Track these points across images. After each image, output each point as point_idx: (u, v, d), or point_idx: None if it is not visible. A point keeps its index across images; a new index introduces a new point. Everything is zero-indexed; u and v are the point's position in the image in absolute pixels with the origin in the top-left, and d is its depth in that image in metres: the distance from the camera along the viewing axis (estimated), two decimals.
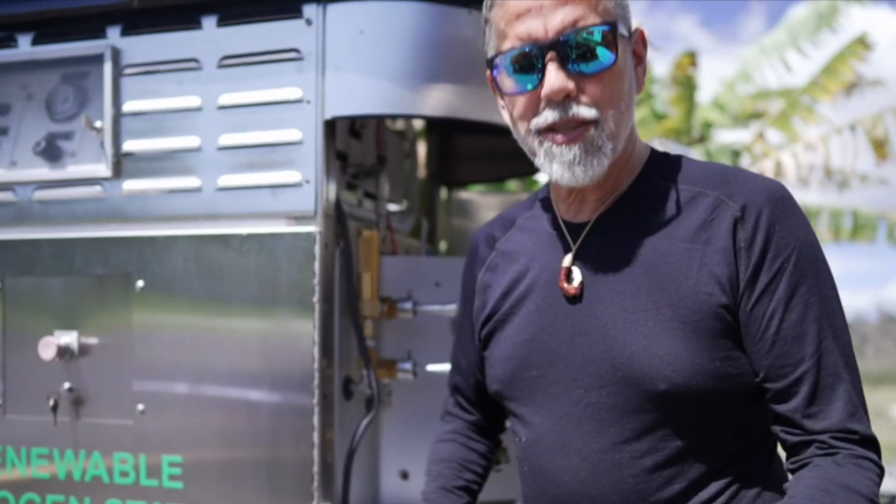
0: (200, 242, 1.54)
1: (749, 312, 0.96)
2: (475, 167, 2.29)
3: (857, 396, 0.94)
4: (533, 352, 1.08)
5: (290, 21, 1.52)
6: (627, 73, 1.02)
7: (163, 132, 1.58)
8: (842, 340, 0.95)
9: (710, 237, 0.98)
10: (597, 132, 0.99)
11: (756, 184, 1.00)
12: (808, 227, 1.00)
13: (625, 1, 1.03)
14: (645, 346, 0.98)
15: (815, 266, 0.97)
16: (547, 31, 0.97)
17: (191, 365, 1.53)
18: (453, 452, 1.25)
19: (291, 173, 1.50)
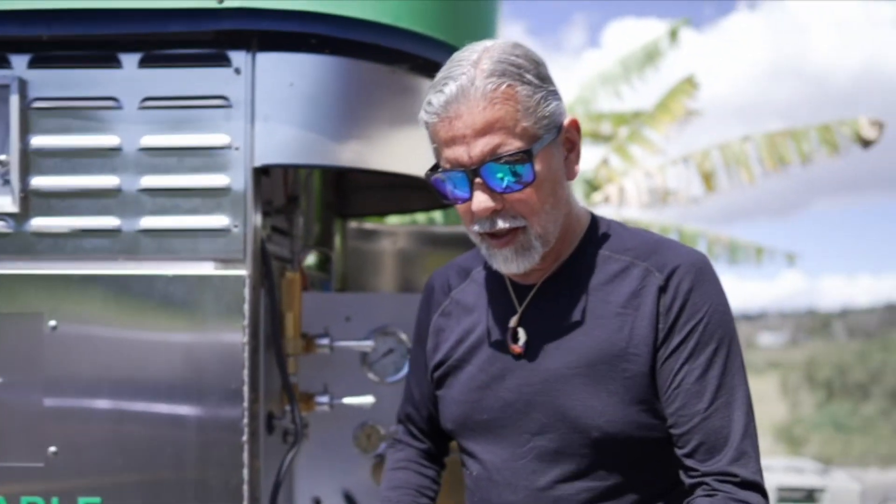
0: (121, 282, 1.54)
1: (661, 367, 1.11)
2: (371, 199, 2.39)
3: (748, 446, 1.08)
4: (484, 397, 1.20)
5: (219, 69, 1.56)
6: (553, 176, 1.12)
7: (77, 170, 1.56)
8: (737, 396, 1.09)
9: (639, 304, 1.12)
10: (525, 236, 1.12)
11: (680, 256, 1.14)
12: (721, 295, 1.13)
13: (548, 104, 1.10)
14: (582, 399, 1.12)
15: (722, 331, 1.11)
16: (471, 159, 1.08)
17: (110, 405, 1.53)
18: (408, 479, 1.35)
19: (219, 217, 1.55)
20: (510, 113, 1.07)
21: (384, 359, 1.93)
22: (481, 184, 1.09)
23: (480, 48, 1.12)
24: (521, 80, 1.08)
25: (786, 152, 5.63)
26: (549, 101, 1.10)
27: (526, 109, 1.08)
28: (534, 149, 1.08)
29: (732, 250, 6.91)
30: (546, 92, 1.11)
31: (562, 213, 1.16)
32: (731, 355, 1.12)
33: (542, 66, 1.13)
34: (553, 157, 1.12)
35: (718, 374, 1.10)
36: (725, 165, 5.72)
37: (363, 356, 1.89)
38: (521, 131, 1.08)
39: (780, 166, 5.68)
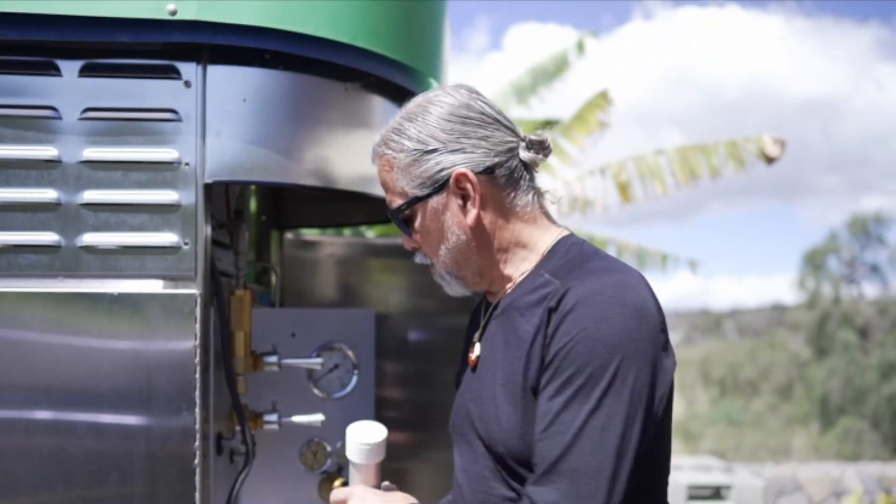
0: (61, 300, 1.47)
1: (538, 394, 1.15)
2: (309, 211, 2.37)
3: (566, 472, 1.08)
4: (460, 405, 1.35)
5: (167, 81, 1.51)
6: (439, 225, 1.27)
7: (10, 182, 1.48)
8: (577, 425, 1.08)
9: (539, 325, 1.17)
10: (437, 269, 1.32)
11: (584, 282, 1.15)
12: (603, 322, 1.11)
13: (424, 165, 1.25)
14: (493, 414, 1.22)
15: (584, 359, 1.10)
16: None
17: (48, 432, 1.46)
18: None
19: (168, 234, 1.50)
20: (389, 177, 1.29)
21: (329, 374, 1.93)
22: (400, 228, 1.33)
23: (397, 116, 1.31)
24: (395, 148, 1.27)
25: (697, 166, 5.96)
26: (423, 163, 1.25)
27: (399, 173, 1.27)
28: (405, 207, 1.28)
29: (640, 256, 7.23)
30: (421, 153, 1.25)
31: (471, 252, 1.28)
32: (589, 385, 1.10)
33: (428, 126, 1.25)
34: (436, 210, 1.27)
35: (563, 402, 1.10)
36: (640, 177, 5.99)
37: (309, 373, 1.88)
38: (401, 191, 1.28)
39: (691, 179, 5.99)
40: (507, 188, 1.27)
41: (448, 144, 1.24)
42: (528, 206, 1.29)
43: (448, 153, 1.24)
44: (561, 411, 1.11)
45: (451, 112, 1.25)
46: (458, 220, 1.26)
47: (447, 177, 1.24)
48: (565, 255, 1.26)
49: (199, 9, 1.46)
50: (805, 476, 6.84)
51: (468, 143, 1.24)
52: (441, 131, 1.25)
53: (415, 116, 1.27)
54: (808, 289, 25.86)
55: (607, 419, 1.09)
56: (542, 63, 7.18)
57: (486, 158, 1.24)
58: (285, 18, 1.53)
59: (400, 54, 1.70)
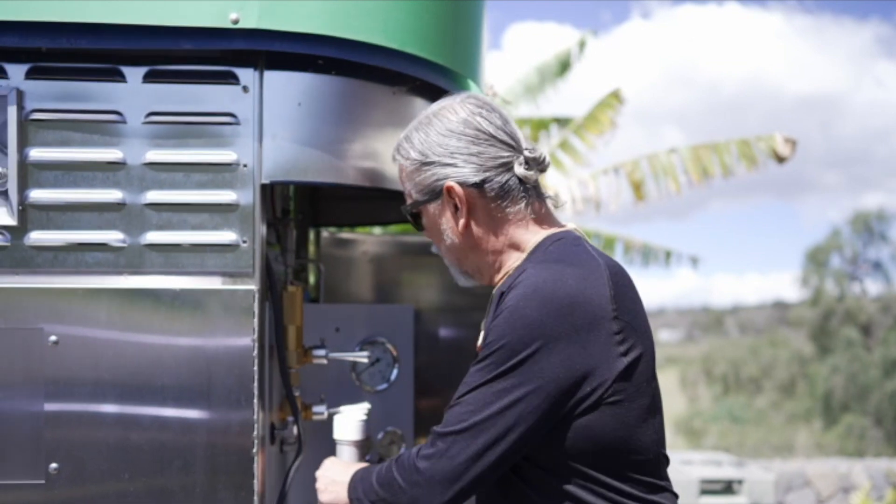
0: (126, 297, 1.54)
1: None
2: (345, 209, 2.43)
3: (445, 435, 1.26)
4: None
5: (226, 86, 1.58)
6: (438, 228, 1.44)
7: (78, 183, 1.55)
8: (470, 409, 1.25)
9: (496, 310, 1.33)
10: (446, 263, 1.49)
11: (520, 284, 1.28)
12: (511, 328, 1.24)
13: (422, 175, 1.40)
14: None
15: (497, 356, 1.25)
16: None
17: (114, 422, 1.53)
18: None
19: (228, 233, 1.57)
20: (401, 178, 1.47)
21: (371, 368, 1.99)
22: None
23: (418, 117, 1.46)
24: (406, 154, 1.43)
25: (709, 164, 6.01)
26: (422, 172, 1.41)
27: (406, 177, 1.45)
28: (413, 207, 1.45)
29: (645, 253, 7.32)
30: (420, 163, 1.41)
31: (466, 253, 1.43)
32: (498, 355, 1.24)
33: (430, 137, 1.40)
34: (434, 214, 1.44)
35: (476, 367, 1.27)
36: (654, 176, 6.05)
37: (353, 366, 1.94)
38: (408, 193, 1.46)
39: (703, 178, 6.05)
40: (498, 199, 1.39)
41: (442, 158, 1.39)
42: (519, 213, 1.40)
43: (441, 167, 1.39)
44: (471, 373, 1.27)
45: (448, 128, 1.39)
46: (451, 225, 1.42)
47: (440, 187, 1.39)
48: (543, 251, 1.37)
49: (260, 17, 1.52)
50: (813, 471, 6.91)
51: (460, 158, 1.38)
52: (438, 146, 1.39)
53: (421, 128, 1.42)
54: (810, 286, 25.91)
55: (505, 387, 1.23)
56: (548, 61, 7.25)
57: (476, 174, 1.38)
58: (339, 26, 1.59)
59: (443, 58, 1.77)
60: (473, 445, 1.23)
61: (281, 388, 1.74)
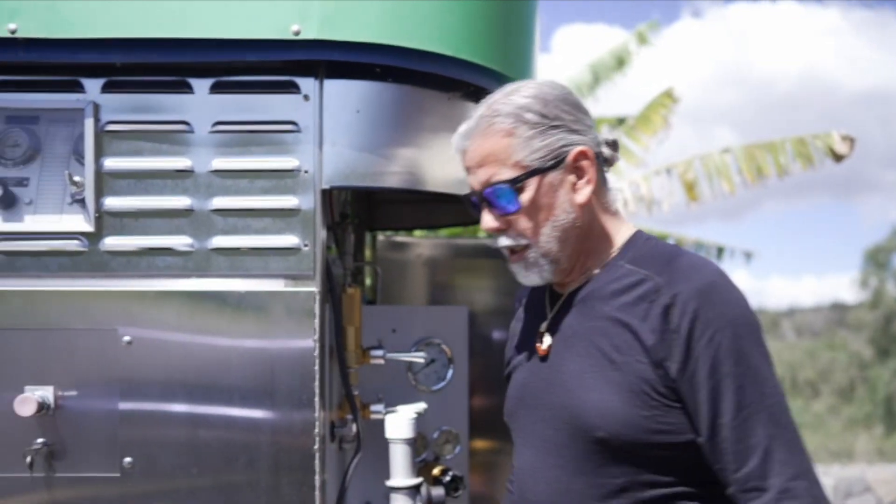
0: (194, 298, 1.61)
1: (683, 388, 1.19)
2: (399, 213, 2.48)
3: (792, 453, 1.15)
4: (524, 394, 1.37)
5: (288, 95, 1.63)
6: (551, 202, 1.28)
7: (150, 191, 1.62)
8: (765, 406, 1.16)
9: (646, 316, 1.22)
10: (530, 252, 1.31)
11: (691, 277, 1.22)
12: (733, 316, 1.19)
13: (549, 138, 1.27)
14: (590, 398, 1.24)
15: (736, 348, 1.17)
16: (478, 185, 1.31)
17: (184, 418, 1.60)
18: None
19: (290, 237, 1.62)
20: (503, 146, 1.27)
21: (427, 368, 2.03)
22: (485, 207, 1.31)
23: (504, 89, 1.32)
24: (519, 118, 1.27)
25: (763, 164, 5.91)
26: (548, 136, 1.27)
27: (519, 144, 1.27)
28: (521, 179, 1.27)
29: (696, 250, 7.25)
30: (547, 126, 1.27)
31: (571, 233, 1.30)
32: (747, 373, 1.17)
33: (550, 104, 1.29)
34: (552, 185, 1.28)
35: (732, 393, 1.17)
36: (707, 176, 5.98)
37: (409, 366, 1.99)
38: (514, 164, 1.27)
39: (758, 178, 5.95)
40: (602, 178, 1.35)
41: (569, 124, 1.29)
42: (610, 200, 1.36)
43: (569, 132, 1.29)
44: (738, 406, 1.16)
45: (565, 97, 1.31)
46: (569, 197, 1.29)
47: (566, 153, 1.28)
48: (643, 248, 1.31)
49: (320, 29, 1.58)
50: (874, 477, 6.72)
51: (583, 126, 1.31)
52: (561, 111, 1.29)
53: (533, 95, 1.29)
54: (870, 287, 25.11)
55: (776, 396, 1.18)
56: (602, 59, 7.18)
57: (594, 145, 1.32)
58: (395, 35, 1.64)
59: (497, 63, 1.80)
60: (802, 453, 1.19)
61: (340, 388, 1.79)
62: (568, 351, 1.30)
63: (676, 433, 1.20)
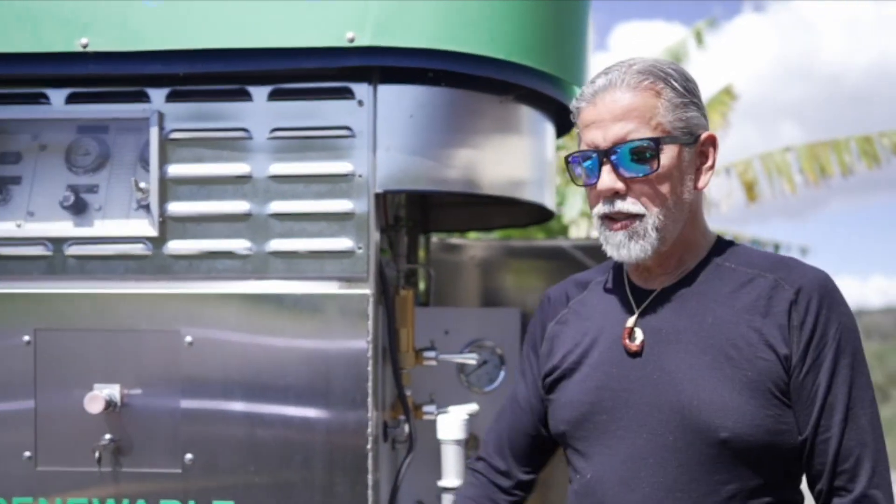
0: (252, 301, 1.65)
1: (800, 382, 1.17)
2: (453, 215, 2.50)
3: (879, 462, 1.16)
4: (602, 398, 1.25)
5: (343, 101, 1.67)
6: (679, 176, 1.22)
7: (211, 196, 1.67)
8: (870, 411, 1.17)
9: (767, 312, 1.18)
10: (641, 224, 1.21)
11: (808, 272, 1.22)
12: (850, 314, 1.21)
13: (689, 112, 1.23)
14: (709, 397, 1.16)
15: (853, 347, 1.18)
16: (605, 141, 1.21)
17: (243, 415, 1.64)
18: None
19: (344, 240, 1.66)
20: (649, 105, 1.20)
21: (479, 370, 2.05)
22: (609, 166, 1.21)
23: (640, 57, 1.28)
24: (667, 83, 1.22)
25: (826, 163, 5.73)
26: (689, 109, 1.23)
27: (665, 107, 1.21)
28: (664, 141, 1.20)
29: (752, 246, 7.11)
30: (689, 101, 1.23)
31: (684, 214, 1.24)
32: (862, 371, 1.19)
33: (691, 83, 1.26)
34: (683, 160, 1.23)
35: (849, 389, 1.18)
36: (767, 175, 5.83)
37: (461, 367, 2.00)
38: (656, 125, 1.20)
39: (820, 177, 5.77)
40: None
41: (703, 108, 1.27)
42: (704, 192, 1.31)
43: (701, 114, 1.26)
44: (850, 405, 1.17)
45: (695, 81, 1.28)
46: (692, 177, 1.25)
47: (700, 134, 1.25)
48: (736, 249, 1.29)
49: (374, 35, 1.60)
50: None
51: (705, 114, 1.29)
52: (696, 90, 1.27)
53: (676, 68, 1.26)
54: None
55: (874, 399, 1.20)
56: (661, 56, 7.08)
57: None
58: (448, 40, 1.65)
59: (549, 66, 1.79)
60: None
61: (393, 389, 1.81)
62: (671, 349, 1.22)
63: (794, 434, 1.18)
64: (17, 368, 1.65)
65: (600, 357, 1.28)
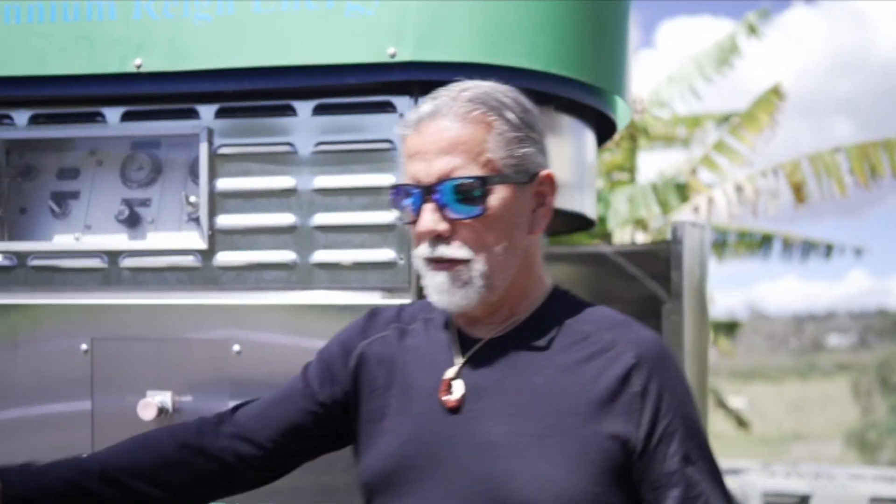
0: (297, 311, 1.70)
1: (639, 456, 1.05)
2: None
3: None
4: (412, 454, 1.11)
5: (385, 114, 1.70)
6: (511, 218, 1.09)
7: (258, 209, 1.73)
8: (714, 483, 1.07)
9: (603, 378, 1.06)
10: (466, 269, 1.08)
11: (646, 337, 1.11)
12: (684, 378, 1.12)
13: (524, 148, 1.10)
14: (527, 468, 1.04)
15: (693, 416, 1.09)
16: (428, 176, 1.07)
17: None
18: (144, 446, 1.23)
19: (386, 251, 1.69)
20: (478, 139, 1.08)
21: None
22: (431, 205, 1.08)
23: (473, 82, 1.16)
24: (500, 114, 1.10)
25: (878, 163, 5.57)
26: (524, 145, 1.10)
27: (496, 142, 1.08)
28: (493, 180, 1.07)
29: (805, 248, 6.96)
30: (525, 135, 1.11)
31: (516, 261, 1.12)
32: (704, 443, 1.10)
33: (529, 114, 1.14)
34: (516, 201, 1.10)
35: (693, 465, 1.07)
36: (816, 176, 5.70)
37: None
38: (485, 161, 1.07)
39: (871, 178, 5.61)
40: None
41: (542, 143, 1.15)
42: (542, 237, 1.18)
43: (541, 151, 1.14)
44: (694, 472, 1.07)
45: (539, 113, 1.17)
46: (526, 221, 1.12)
47: (537, 172, 1.12)
48: (574, 303, 1.17)
49: (415, 50, 1.63)
50: None
51: (546, 151, 1.16)
52: (537, 124, 1.15)
53: (514, 97, 1.14)
54: None
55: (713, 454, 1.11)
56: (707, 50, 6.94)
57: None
58: (487, 53, 1.67)
59: (589, 76, 1.80)
60: None
61: None
62: (493, 409, 1.09)
63: None
64: (74, 376, 1.73)
65: (415, 407, 1.14)
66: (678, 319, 2.15)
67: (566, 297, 1.19)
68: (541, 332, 1.13)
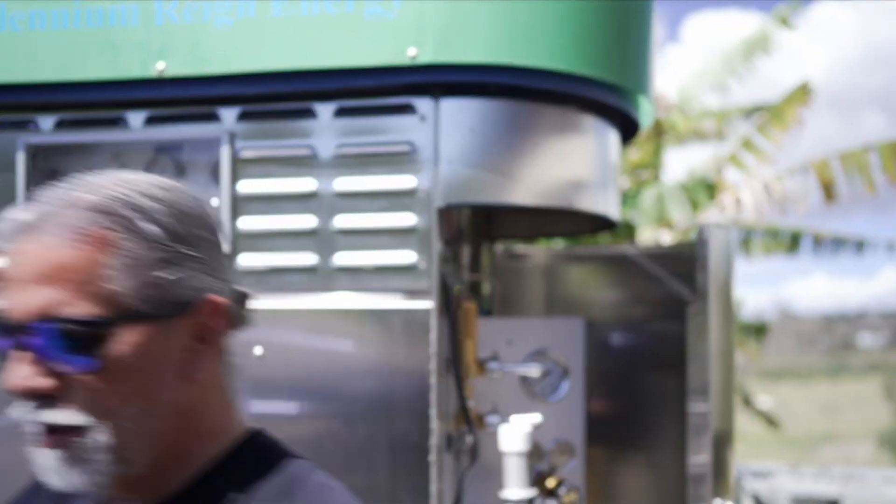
0: (319, 314, 1.70)
1: None
2: (517, 224, 2.51)
3: None
4: None
5: (405, 116, 1.70)
6: (153, 367, 0.82)
7: (279, 212, 1.73)
8: None
9: None
10: (87, 440, 0.80)
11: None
12: None
13: (172, 272, 0.83)
14: None
15: None
16: (22, 313, 0.78)
17: (310, 424, 1.70)
18: None
19: (408, 254, 1.69)
20: (94, 265, 0.79)
21: (542, 380, 2.05)
22: (23, 353, 0.79)
23: (105, 177, 0.85)
24: (132, 228, 0.81)
25: None
26: (171, 267, 0.82)
27: (123, 266, 0.80)
28: (117, 321, 0.80)
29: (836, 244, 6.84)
30: (172, 255, 0.83)
31: (163, 424, 0.85)
32: None
33: (187, 220, 0.86)
34: (156, 344, 0.82)
35: None
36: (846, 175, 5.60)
37: (523, 378, 2.01)
38: (104, 295, 0.79)
39: None
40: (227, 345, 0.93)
41: (206, 258, 0.87)
42: (232, 378, 0.94)
43: (203, 270, 0.86)
44: None
45: (206, 215, 0.90)
46: (181, 366, 0.85)
47: (194, 301, 0.85)
48: (257, 460, 0.94)
49: (435, 52, 1.63)
50: None
51: (219, 263, 0.89)
52: (201, 236, 0.87)
53: (163, 198, 0.85)
54: None
55: None
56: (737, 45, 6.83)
57: (228, 294, 0.90)
58: (509, 54, 1.66)
59: (612, 76, 1.78)
60: None
61: (457, 400, 1.84)
62: None
63: None
64: None
65: None
66: (703, 320, 2.13)
67: (256, 453, 0.93)
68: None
